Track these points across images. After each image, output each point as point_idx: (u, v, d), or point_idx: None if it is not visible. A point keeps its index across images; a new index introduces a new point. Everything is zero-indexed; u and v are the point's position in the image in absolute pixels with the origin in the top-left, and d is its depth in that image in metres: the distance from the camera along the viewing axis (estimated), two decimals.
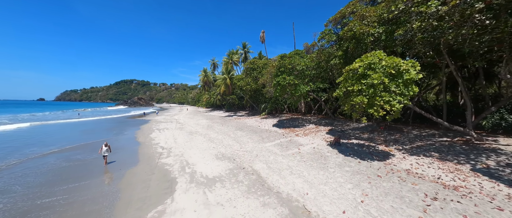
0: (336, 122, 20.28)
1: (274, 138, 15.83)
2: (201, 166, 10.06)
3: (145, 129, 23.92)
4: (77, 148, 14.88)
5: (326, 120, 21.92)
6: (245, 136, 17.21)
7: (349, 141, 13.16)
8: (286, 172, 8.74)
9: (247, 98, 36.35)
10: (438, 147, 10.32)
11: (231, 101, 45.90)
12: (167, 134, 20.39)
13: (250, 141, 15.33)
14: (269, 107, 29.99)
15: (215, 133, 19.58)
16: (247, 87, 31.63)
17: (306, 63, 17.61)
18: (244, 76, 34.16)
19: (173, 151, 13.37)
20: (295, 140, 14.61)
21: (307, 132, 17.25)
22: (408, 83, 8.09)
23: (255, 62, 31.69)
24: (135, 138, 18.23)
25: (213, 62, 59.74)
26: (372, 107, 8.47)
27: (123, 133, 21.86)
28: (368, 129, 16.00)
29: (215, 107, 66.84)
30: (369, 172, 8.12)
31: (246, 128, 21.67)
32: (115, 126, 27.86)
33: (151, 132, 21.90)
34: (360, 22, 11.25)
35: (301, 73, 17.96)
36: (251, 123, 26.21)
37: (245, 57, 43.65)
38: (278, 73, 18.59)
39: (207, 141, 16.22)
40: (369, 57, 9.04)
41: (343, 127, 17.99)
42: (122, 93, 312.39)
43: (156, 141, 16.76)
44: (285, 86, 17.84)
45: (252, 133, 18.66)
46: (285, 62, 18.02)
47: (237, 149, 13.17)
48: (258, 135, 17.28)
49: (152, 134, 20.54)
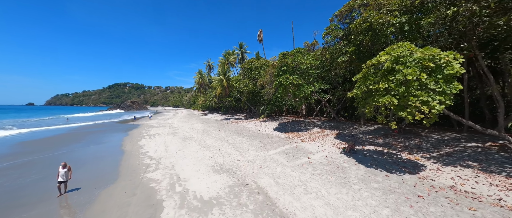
0: (342, 125, 18.81)
1: (278, 144, 14.18)
2: (195, 183, 8.30)
3: (134, 135, 21.90)
4: (31, 163, 12.85)
5: (330, 123, 20.44)
6: (244, 142, 15.50)
7: (364, 147, 11.63)
8: (300, 190, 7.09)
9: (245, 101, 34.70)
10: (472, 155, 8.87)
11: (228, 104, 44.14)
12: (158, 140, 18.48)
13: (251, 148, 13.64)
14: (268, 110, 28.39)
15: (211, 139, 17.79)
16: (244, 88, 29.99)
17: (310, 62, 16.12)
18: (242, 77, 32.53)
19: (163, 161, 11.55)
20: (302, 146, 12.99)
21: (313, 136, 15.67)
22: (449, 79, 6.60)
23: (253, 63, 30.12)
24: (121, 146, 16.25)
25: (208, 63, 57.89)
26: (404, 110, 6.94)
27: (108, 140, 19.80)
28: (380, 133, 14.54)
29: (211, 110, 64.85)
30: (404, 189, 6.55)
31: (245, 133, 19.96)
32: (100, 132, 25.68)
33: (140, 138, 19.92)
34: (377, 12, 9.83)
35: (305, 72, 16.44)
36: (250, 126, 24.51)
37: (242, 58, 42.00)
38: (280, 73, 17.03)
39: (202, 148, 14.44)
40: (396, 49, 7.54)
41: (351, 130, 16.50)
42: (115, 97, 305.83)
43: (145, 149, 14.87)
44: (287, 86, 16.27)
45: (252, 138, 16.96)
46: (288, 60, 16.49)
47: (237, 158, 11.45)
48: (259, 141, 15.59)
49: (141, 140, 18.59)
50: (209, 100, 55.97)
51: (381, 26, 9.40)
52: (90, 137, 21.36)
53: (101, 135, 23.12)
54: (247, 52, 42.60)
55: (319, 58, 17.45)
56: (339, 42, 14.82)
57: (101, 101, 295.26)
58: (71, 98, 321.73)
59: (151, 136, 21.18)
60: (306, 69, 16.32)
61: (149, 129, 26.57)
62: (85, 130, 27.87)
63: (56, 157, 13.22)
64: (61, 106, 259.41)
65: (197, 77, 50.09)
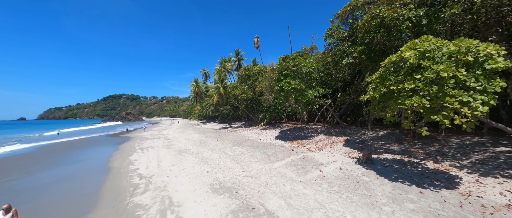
0: (348, 131, 17.70)
1: (282, 154, 12.91)
2: (191, 208, 6.93)
3: (125, 149, 20.31)
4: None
5: (334, 129, 19.32)
6: (246, 153, 14.17)
7: (380, 156, 10.46)
8: (319, 214, 5.81)
9: (243, 108, 33.53)
10: (509, 162, 7.77)
11: (225, 112, 42.88)
12: (151, 154, 16.98)
13: (254, 160, 12.32)
14: (268, 117, 27.22)
15: (209, 150, 16.41)
16: (242, 96, 28.88)
17: (312, 65, 15.18)
18: (239, 84, 31.51)
19: (155, 180, 10.13)
20: (310, 156, 11.74)
21: (320, 144, 14.46)
22: (490, 76, 5.58)
23: (251, 69, 29.22)
24: (107, 163, 14.70)
25: (204, 72, 56.96)
26: (438, 113, 5.85)
27: (94, 156, 18.20)
28: (392, 138, 13.44)
29: (208, 119, 63.35)
30: (450, 212, 5.33)
31: (245, 142, 18.64)
32: (87, 147, 23.97)
33: (132, 152, 18.38)
34: (389, 6, 8.99)
35: (307, 76, 15.46)
36: (250, 135, 23.20)
37: (238, 65, 41.21)
38: (281, 78, 16.01)
39: (199, 162, 13.05)
40: (421, 43, 6.55)
41: (359, 136, 15.38)
42: (110, 108, 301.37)
43: (135, 166, 13.39)
44: (289, 92, 15.20)
45: (254, 148, 15.65)
46: (289, 64, 15.52)
47: (239, 173, 10.12)
48: (261, 151, 14.29)
49: (133, 155, 17.06)
50: (205, 109, 54.59)
51: (395, 21, 8.53)
52: (72, 154, 19.68)
53: (86, 150, 21.44)
54: (244, 59, 41.87)
55: (321, 62, 16.56)
56: (343, 43, 13.96)
57: (96, 113, 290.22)
58: (64, 111, 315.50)
59: (144, 149, 19.65)
60: (309, 73, 15.34)
61: (142, 142, 24.98)
62: (69, 145, 26.08)
63: (12, 186, 11.63)
64: (53, 121, 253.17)
65: (193, 86, 48.94)
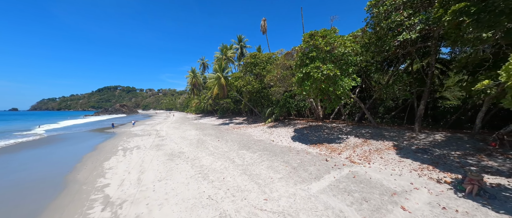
0: (386, 132, 13.96)
1: (315, 167, 9.11)
2: None
3: (104, 150, 16.34)
4: None
5: (364, 129, 15.57)
6: (260, 162, 10.35)
7: (485, 180, 6.71)
8: None
9: (246, 102, 29.56)
10: None
11: (226, 106, 38.88)
12: (134, 158, 13.09)
13: (275, 175, 8.53)
14: (277, 113, 23.35)
15: (209, 155, 12.57)
16: (247, 87, 24.85)
17: (351, 45, 11.21)
18: (243, 74, 27.41)
19: (125, 213, 6.28)
20: (362, 174, 7.95)
21: (360, 151, 10.69)
22: None
23: (257, 56, 25.05)
24: (69, 173, 10.75)
25: (202, 62, 52.32)
26: None
27: (57, 160, 14.25)
28: (465, 146, 9.71)
29: (206, 113, 59.33)
30: None
31: (254, 145, 14.82)
32: (58, 145, 19.93)
33: (111, 154, 14.46)
34: None
35: (344, 59, 11.49)
36: (258, 134, 19.37)
37: (241, 53, 36.79)
38: (306, 61, 12.05)
39: (196, 175, 9.22)
40: None
41: (409, 140, 11.63)
42: (105, 100, 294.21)
43: (106, 179, 9.52)
44: (318, 80, 11.28)
45: (269, 154, 11.84)
46: (319, 42, 11.50)
47: (259, 202, 6.34)
48: (281, 160, 10.49)
49: (110, 159, 13.15)
50: (203, 103, 50.48)
51: None
52: (26, 156, 15.66)
53: (52, 150, 17.40)
54: (247, 46, 37.34)
55: (358, 42, 12.57)
56: (400, 12, 9.97)
57: (90, 105, 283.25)
58: (58, 102, 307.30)
59: (127, 150, 15.71)
60: (345, 55, 11.37)
61: (129, 139, 20.99)
62: (35, 144, 21.98)
63: None
64: (46, 112, 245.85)
65: (190, 77, 44.51)
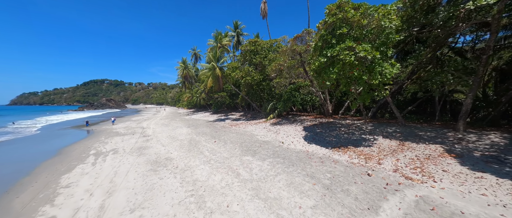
0: (418, 131, 11.52)
1: (360, 186, 6.42)
2: None
3: (70, 155, 13.02)
4: None
5: (390, 126, 13.10)
6: (276, 178, 7.57)
7: None
8: None
9: (243, 95, 26.54)
10: None
11: (221, 100, 35.67)
12: (104, 169, 9.99)
13: (304, 201, 5.79)
14: (281, 108, 20.58)
15: (205, 164, 9.66)
16: (246, 79, 21.80)
17: (395, 18, 8.42)
18: (241, 64, 24.25)
19: None
20: (439, 201, 5.30)
21: (410, 160, 8.10)
22: None
23: (258, 43, 21.90)
24: (1, 194, 7.59)
25: (194, 52, 48.23)
26: None
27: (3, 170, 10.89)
28: None
29: (198, 108, 55.83)
30: None
31: (261, 147, 12.02)
32: (13, 145, 16.36)
33: (76, 162, 11.24)
34: None
35: (384, 38, 8.69)
36: (261, 132, 16.58)
37: (237, 42, 33.25)
38: (332, 41, 9.19)
39: (188, 201, 6.34)
40: None
41: (459, 142, 9.19)
42: (92, 94, 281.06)
43: (52, 209, 6.50)
44: (352, 65, 8.51)
45: (285, 162, 9.08)
46: (351, 16, 8.62)
47: None
48: (304, 173, 7.76)
49: (73, 170, 9.98)
50: (196, 97, 46.93)
51: None
52: None
53: (9, 155, 13.89)
54: (244, 34, 33.76)
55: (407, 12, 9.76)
56: None
57: (75, 100, 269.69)
58: (40, 97, 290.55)
59: (100, 155, 12.51)
60: (386, 33, 8.56)
61: (107, 139, 17.63)
62: None
63: None
64: (28, 106, 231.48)
65: (180, 68, 40.66)
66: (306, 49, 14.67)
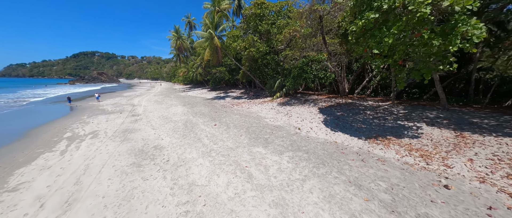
0: (468, 117, 9.24)
1: (440, 207, 4.26)
2: None
3: (38, 138, 10.59)
4: None
5: (428, 110, 10.77)
6: (305, 184, 5.35)
7: None
8: None
9: (245, 70, 23.51)
10: None
11: (219, 75, 32.51)
12: (74, 161, 7.67)
13: None
14: (290, 86, 17.91)
15: (204, 157, 7.37)
16: (250, 51, 18.59)
17: None
18: (243, 32, 20.73)
19: None
20: None
21: (490, 161, 5.89)
22: None
23: (264, 5, 18.14)
24: None
25: (188, 20, 43.00)
26: None
27: None
28: None
29: (195, 84, 52.51)
30: None
31: (273, 135, 9.71)
32: None
33: (42, 149, 8.89)
34: None
35: None
36: (269, 114, 14.21)
37: (238, 6, 28.70)
38: None
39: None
40: None
41: None
42: (83, 67, 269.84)
43: None
44: (422, 22, 5.73)
45: (311, 159, 6.82)
46: None
47: None
48: (344, 178, 5.55)
49: (32, 162, 7.65)
50: (192, 72, 43.39)
51: None
52: None
53: None
54: None
55: None
56: None
57: (66, 72, 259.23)
58: (28, 69, 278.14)
59: (75, 140, 10.12)
60: None
61: (89, 119, 15.12)
62: None
63: None
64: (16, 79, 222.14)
65: (173, 39, 36.29)
66: (331, 9, 11.42)
